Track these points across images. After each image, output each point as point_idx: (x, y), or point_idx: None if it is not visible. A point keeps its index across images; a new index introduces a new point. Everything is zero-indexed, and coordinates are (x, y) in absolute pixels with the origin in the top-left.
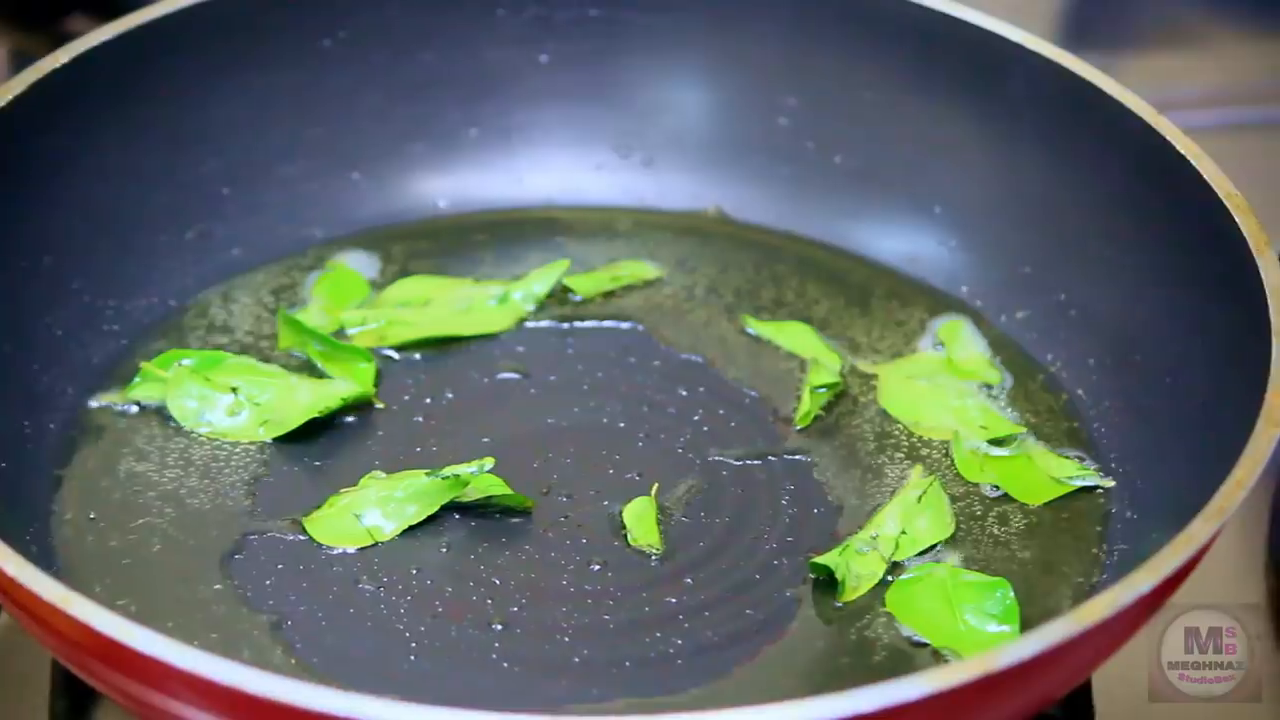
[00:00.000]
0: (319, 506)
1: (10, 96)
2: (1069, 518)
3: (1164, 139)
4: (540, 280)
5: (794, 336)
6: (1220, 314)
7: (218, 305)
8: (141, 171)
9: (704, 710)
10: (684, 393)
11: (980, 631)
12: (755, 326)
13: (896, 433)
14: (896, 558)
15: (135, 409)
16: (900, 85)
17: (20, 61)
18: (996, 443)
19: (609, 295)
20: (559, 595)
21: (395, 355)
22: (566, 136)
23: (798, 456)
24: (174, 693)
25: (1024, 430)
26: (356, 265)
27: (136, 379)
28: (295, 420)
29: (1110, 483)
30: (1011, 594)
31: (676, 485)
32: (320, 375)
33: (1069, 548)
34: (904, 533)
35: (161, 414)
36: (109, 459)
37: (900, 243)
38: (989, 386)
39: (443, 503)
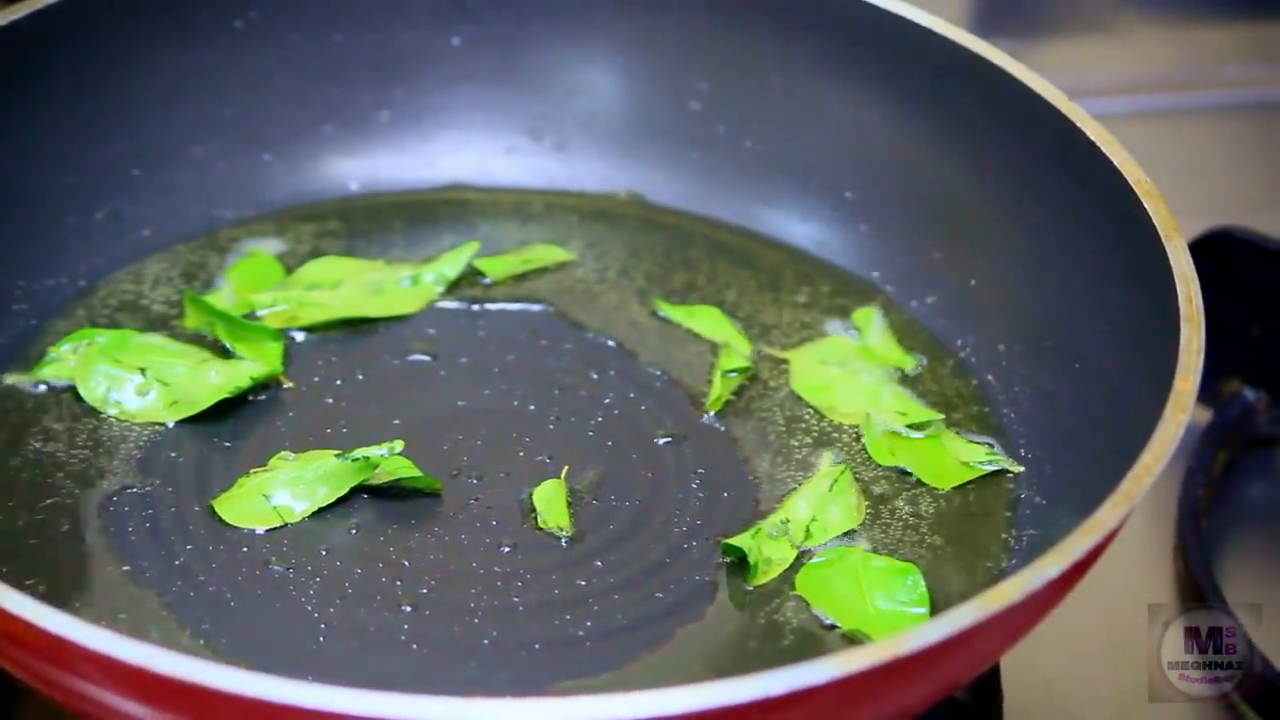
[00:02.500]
0: (228, 487)
1: None
2: (978, 503)
3: (1074, 125)
4: (451, 262)
5: (705, 320)
6: (1130, 300)
7: (128, 285)
8: (50, 151)
9: (611, 693)
10: (595, 376)
11: (891, 614)
12: (667, 310)
13: (807, 416)
14: (807, 545)
15: (44, 389)
16: (812, 70)
17: None
18: (915, 427)
19: (520, 278)
20: (468, 577)
21: (305, 336)
22: (479, 119)
23: (709, 440)
24: (83, 673)
25: (940, 417)
26: (267, 247)
27: (45, 359)
28: (205, 400)
29: (1019, 468)
30: (921, 579)
31: (587, 468)
32: (229, 356)
33: (978, 533)
34: (814, 520)
35: (70, 394)
36: (17, 439)
37: (812, 228)
38: (901, 371)
39: (352, 484)
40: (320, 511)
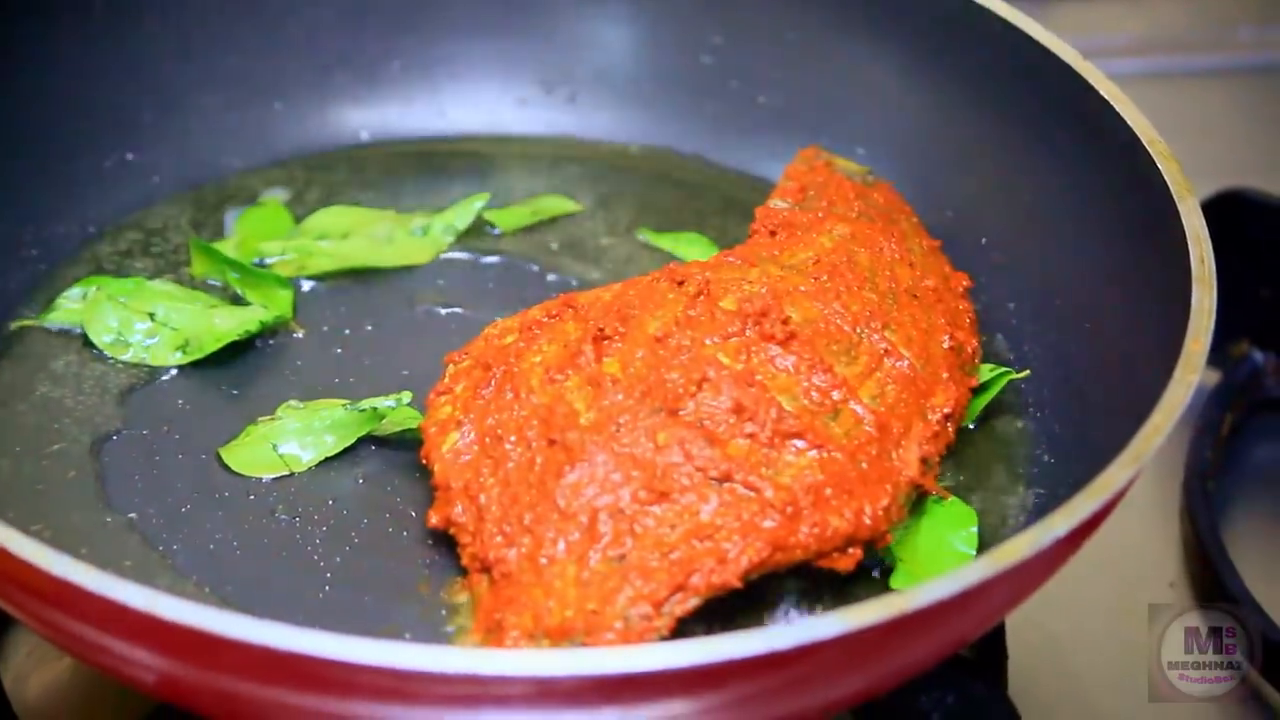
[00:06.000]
0: (235, 435)
1: None
2: (987, 458)
3: (1088, 85)
4: (460, 213)
5: (692, 247)
6: (1142, 260)
7: (136, 232)
8: (60, 98)
9: (623, 646)
10: None
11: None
12: (652, 238)
13: None
14: None
15: (52, 334)
16: (824, 26)
17: None
18: None
19: (529, 229)
20: None
21: (314, 286)
22: (491, 70)
23: None
24: (86, 618)
25: None
26: (276, 195)
27: (54, 304)
28: (213, 344)
29: (1025, 373)
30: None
31: None
32: (238, 303)
33: (987, 489)
34: None
35: (79, 339)
36: (25, 383)
37: None
38: None
39: (360, 434)
40: (327, 461)
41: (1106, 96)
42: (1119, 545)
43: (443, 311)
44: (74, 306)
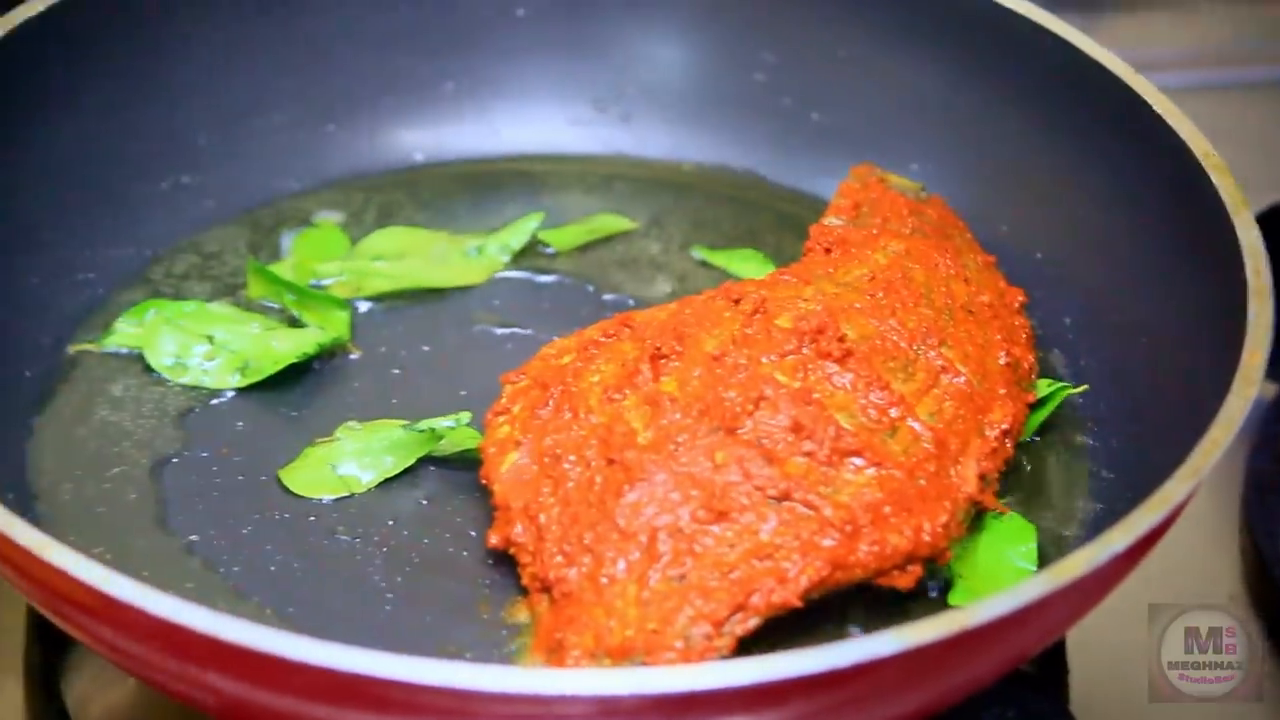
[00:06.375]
0: (294, 457)
1: None
2: (1045, 473)
3: (1141, 98)
4: (515, 233)
5: (747, 264)
6: (1197, 274)
7: (193, 255)
8: (116, 121)
9: (684, 665)
10: None
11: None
12: (707, 255)
13: None
14: None
15: (111, 358)
16: (877, 43)
17: None
18: None
19: (584, 248)
20: None
21: (370, 307)
22: (544, 90)
23: None
24: (149, 641)
25: None
26: (331, 217)
27: (112, 328)
28: (271, 367)
29: (1082, 388)
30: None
31: None
32: (295, 325)
33: (1045, 505)
34: None
35: (138, 362)
36: (85, 408)
37: None
38: None
39: (419, 455)
40: (387, 481)
41: (1159, 110)
42: (1177, 558)
43: (499, 331)
44: (132, 330)
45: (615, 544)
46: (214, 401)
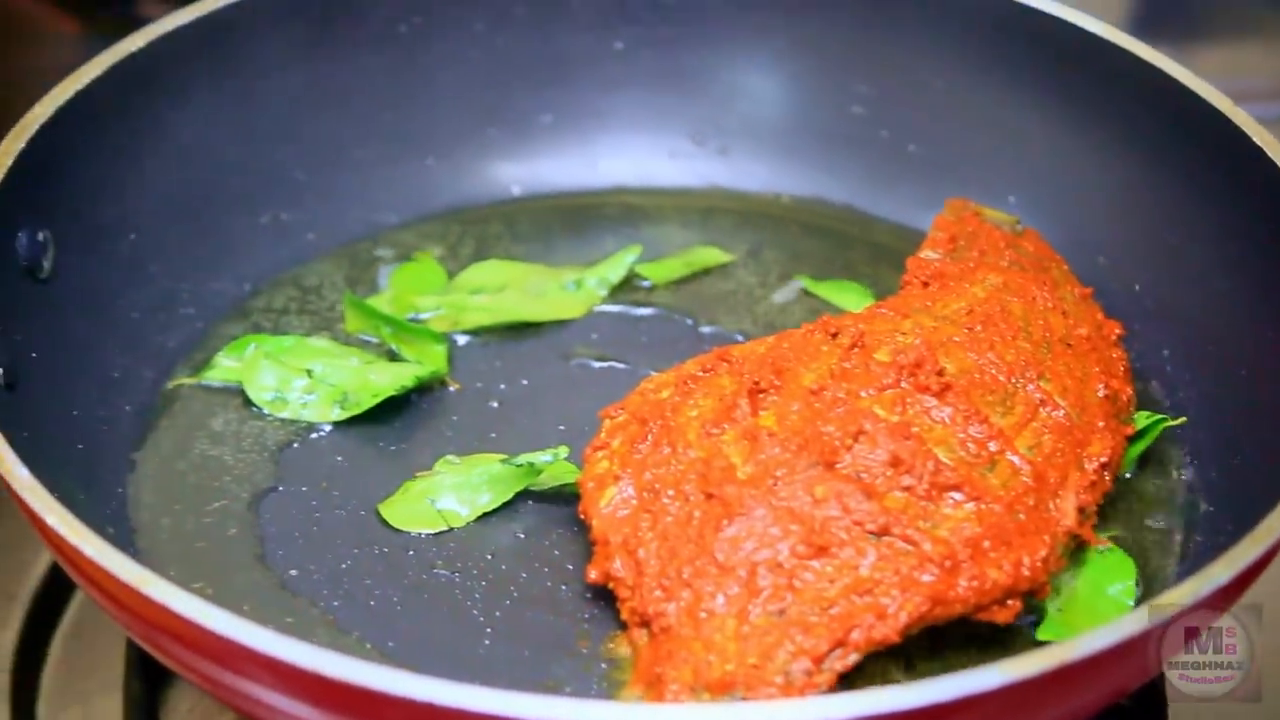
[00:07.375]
0: (393, 491)
1: (88, 80)
2: (1145, 506)
3: (1240, 130)
4: (613, 266)
5: (851, 296)
6: None
7: (292, 289)
8: (217, 156)
9: (786, 700)
10: None
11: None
12: (811, 286)
13: None
14: None
15: (210, 392)
16: (974, 74)
17: (93, 44)
18: None
19: (681, 281)
20: None
21: (468, 340)
22: (641, 123)
23: None
24: (249, 674)
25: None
26: (429, 251)
27: (212, 362)
28: (370, 400)
29: (1181, 420)
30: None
31: None
32: (393, 359)
33: (1145, 538)
34: None
35: (237, 397)
36: (184, 442)
37: None
38: None
39: (517, 489)
40: (485, 516)
41: (1259, 142)
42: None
43: (597, 365)
44: (232, 364)
45: (714, 578)
46: (313, 435)
